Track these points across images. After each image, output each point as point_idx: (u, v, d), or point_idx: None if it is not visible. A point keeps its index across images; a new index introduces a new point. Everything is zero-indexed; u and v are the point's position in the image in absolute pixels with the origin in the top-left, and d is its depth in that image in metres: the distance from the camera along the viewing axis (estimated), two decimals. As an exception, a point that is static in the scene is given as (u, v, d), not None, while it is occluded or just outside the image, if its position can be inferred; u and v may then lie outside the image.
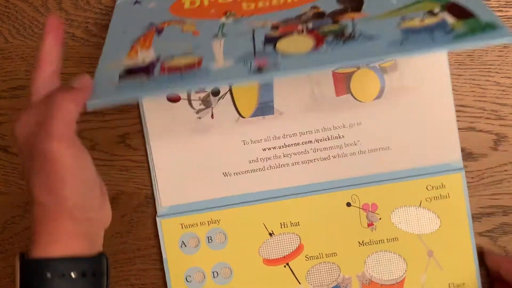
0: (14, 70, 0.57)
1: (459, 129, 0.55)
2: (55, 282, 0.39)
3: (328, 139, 0.56)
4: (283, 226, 0.57)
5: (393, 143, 0.56)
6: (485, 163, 0.55)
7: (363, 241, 0.56)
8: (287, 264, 0.57)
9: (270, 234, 0.57)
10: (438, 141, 0.55)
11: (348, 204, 0.56)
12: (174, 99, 0.56)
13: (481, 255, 0.55)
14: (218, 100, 0.56)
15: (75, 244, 0.41)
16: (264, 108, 0.56)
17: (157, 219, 0.57)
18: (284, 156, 0.56)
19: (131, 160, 0.57)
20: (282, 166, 0.56)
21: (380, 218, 0.56)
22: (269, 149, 0.56)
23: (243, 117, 0.56)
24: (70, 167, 0.39)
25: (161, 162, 0.57)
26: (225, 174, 0.57)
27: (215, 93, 0.56)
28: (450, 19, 0.41)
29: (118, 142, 0.57)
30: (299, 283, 0.57)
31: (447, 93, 0.55)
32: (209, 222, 0.57)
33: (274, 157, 0.56)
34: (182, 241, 0.57)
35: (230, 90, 0.56)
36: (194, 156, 0.57)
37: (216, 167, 0.57)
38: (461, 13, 0.41)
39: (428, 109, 0.55)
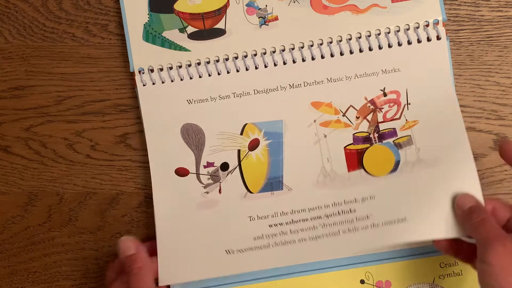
0: (14, 70, 0.57)
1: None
2: None
3: (339, 214, 0.54)
4: None
5: (408, 215, 0.52)
6: (485, 163, 0.55)
7: None
8: None
9: None
10: (453, 218, 0.52)
11: (362, 282, 0.55)
12: (182, 173, 0.55)
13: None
14: (227, 175, 0.55)
15: None
16: (273, 184, 0.55)
17: None
18: (291, 232, 0.54)
19: (131, 160, 0.57)
20: (288, 243, 0.54)
21: None
22: (276, 225, 0.54)
23: (251, 192, 0.55)
24: None
25: (165, 238, 0.54)
26: (228, 251, 0.54)
27: (224, 167, 0.55)
28: None
29: (118, 142, 0.57)
30: None
31: (469, 164, 0.51)
32: None
33: (280, 234, 0.54)
34: None
35: (240, 165, 0.55)
36: (197, 232, 0.55)
37: (219, 244, 0.54)
38: None
39: (447, 181, 0.52)
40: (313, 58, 0.54)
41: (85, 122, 0.57)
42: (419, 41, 0.53)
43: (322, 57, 0.54)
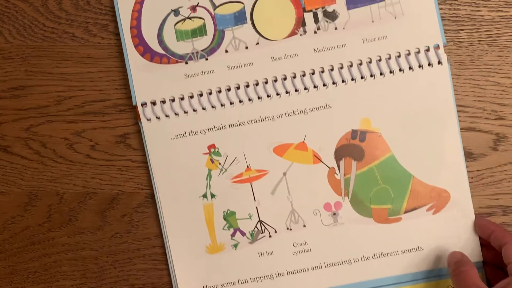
0: (14, 70, 0.57)
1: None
2: None
3: None
4: None
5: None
6: (485, 163, 0.55)
7: None
8: None
9: None
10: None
11: None
12: None
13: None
14: None
15: None
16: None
17: None
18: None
19: (131, 160, 0.57)
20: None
21: None
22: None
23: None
24: None
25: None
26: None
27: None
28: None
29: (118, 142, 0.57)
30: None
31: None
32: None
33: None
34: None
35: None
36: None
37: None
38: None
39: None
40: (315, 86, 0.54)
41: (85, 122, 0.57)
42: (420, 66, 0.53)
43: (324, 85, 0.54)
